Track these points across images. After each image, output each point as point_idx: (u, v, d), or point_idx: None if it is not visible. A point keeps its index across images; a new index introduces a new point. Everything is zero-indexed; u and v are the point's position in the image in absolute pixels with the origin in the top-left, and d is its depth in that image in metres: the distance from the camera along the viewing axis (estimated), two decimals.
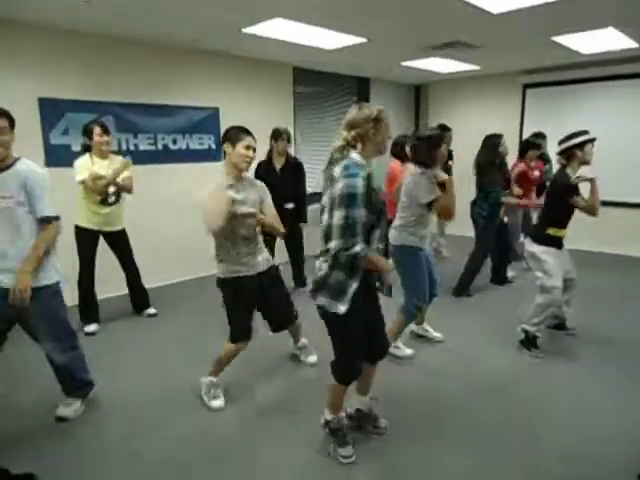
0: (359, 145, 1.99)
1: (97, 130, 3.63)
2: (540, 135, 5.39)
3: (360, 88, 7.28)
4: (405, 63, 6.11)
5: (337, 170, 1.92)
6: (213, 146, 5.54)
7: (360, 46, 4.99)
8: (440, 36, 4.78)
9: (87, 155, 3.70)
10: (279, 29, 4.31)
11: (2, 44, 3.95)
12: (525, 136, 6.85)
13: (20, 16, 3.87)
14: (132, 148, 4.82)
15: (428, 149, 2.98)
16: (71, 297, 3.22)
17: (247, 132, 2.66)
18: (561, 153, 3.23)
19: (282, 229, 2.77)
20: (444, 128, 4.71)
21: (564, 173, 3.19)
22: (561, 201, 3.18)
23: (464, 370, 3.14)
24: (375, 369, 2.35)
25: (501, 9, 3.80)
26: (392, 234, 3.12)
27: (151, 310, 4.20)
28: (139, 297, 4.17)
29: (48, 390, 2.68)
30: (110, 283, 4.27)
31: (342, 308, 1.97)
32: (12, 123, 2.29)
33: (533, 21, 4.13)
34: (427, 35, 4.74)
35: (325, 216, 1.97)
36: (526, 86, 6.94)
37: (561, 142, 3.22)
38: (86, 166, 3.61)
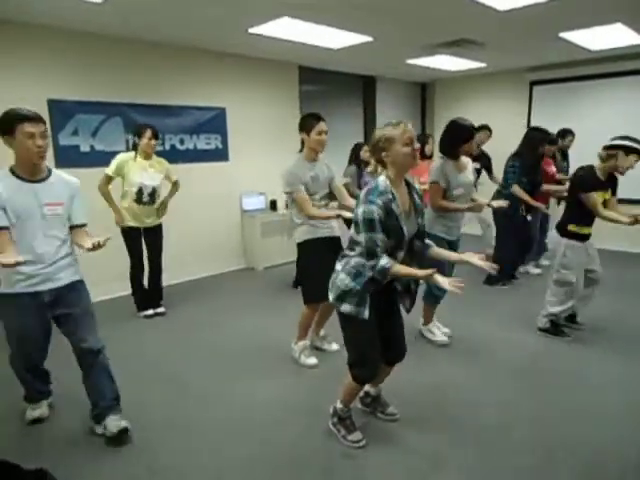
0: (380, 169, 2.05)
1: (148, 134, 3.81)
2: (568, 132, 5.28)
3: (366, 86, 7.29)
4: (411, 61, 6.10)
5: (362, 192, 2.02)
6: (220, 146, 5.56)
7: (366, 45, 4.99)
8: (446, 34, 4.78)
9: (132, 153, 3.88)
10: (285, 29, 4.33)
11: (12, 46, 4.00)
12: None
13: (29, 18, 3.92)
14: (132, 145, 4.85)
15: (451, 140, 3.05)
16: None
17: (318, 118, 2.93)
18: (607, 148, 3.10)
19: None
20: (482, 128, 4.68)
21: (589, 167, 3.14)
22: (575, 196, 3.16)
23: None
24: (391, 369, 2.40)
25: (507, 6, 3.79)
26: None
27: (160, 309, 4.23)
28: (153, 296, 4.22)
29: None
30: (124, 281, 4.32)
31: (347, 307, 2.10)
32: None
33: (540, 17, 4.11)
34: (433, 33, 4.73)
35: (354, 226, 2.07)
36: (533, 83, 6.90)
37: (614, 138, 3.11)
38: (122, 163, 3.78)
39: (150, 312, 4.15)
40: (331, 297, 2.16)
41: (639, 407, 2.61)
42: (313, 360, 3.17)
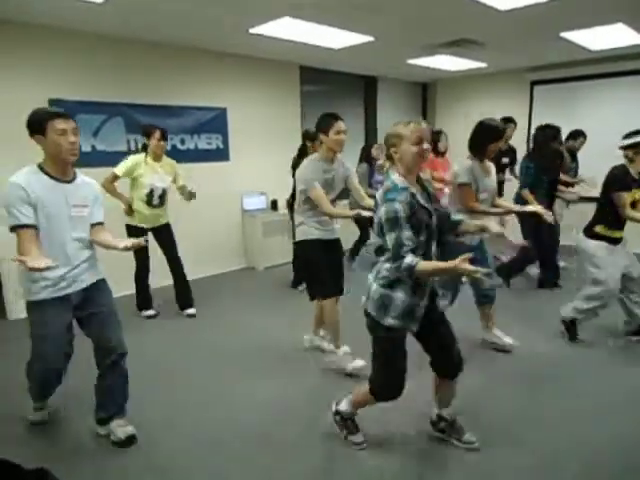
0: (388, 164, 2.03)
1: (157, 135, 3.80)
2: (579, 133, 5.21)
3: (367, 86, 7.29)
4: (411, 61, 6.10)
5: (379, 193, 1.98)
6: (221, 146, 5.57)
7: (367, 45, 5.00)
8: (446, 34, 4.77)
9: (143, 154, 3.86)
10: (286, 29, 4.33)
11: (13, 46, 4.00)
12: (533, 135, 6.84)
13: (30, 18, 3.93)
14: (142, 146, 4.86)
15: (481, 140, 3.01)
16: None
17: (337, 117, 2.87)
18: (629, 147, 3.04)
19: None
20: (508, 121, 4.60)
21: (622, 166, 3.07)
22: (607, 195, 3.07)
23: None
24: (454, 384, 2.21)
25: (508, 5, 3.79)
26: None
27: (191, 310, 4.21)
28: (181, 294, 4.22)
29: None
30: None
31: (391, 320, 1.97)
32: None
33: (540, 17, 4.10)
34: (433, 33, 4.73)
35: (376, 229, 2.00)
36: (534, 83, 6.90)
37: (629, 135, 3.05)
38: (134, 166, 3.76)
39: (151, 312, 4.16)
40: (371, 310, 2.02)
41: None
42: (360, 362, 2.90)
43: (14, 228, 2.02)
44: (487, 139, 3.01)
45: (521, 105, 7.02)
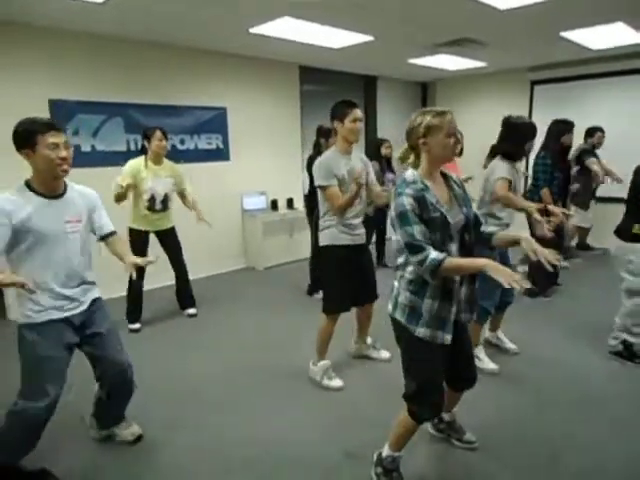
0: (412, 158, 1.88)
1: (158, 134, 3.66)
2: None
3: (367, 86, 7.28)
4: (412, 61, 6.10)
5: (393, 190, 1.89)
6: (221, 146, 5.56)
7: (367, 44, 4.99)
8: (447, 33, 4.77)
9: (142, 158, 3.71)
10: (286, 28, 4.32)
11: (12, 46, 4.00)
12: None
13: (31, 19, 3.92)
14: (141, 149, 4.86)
15: (517, 140, 2.86)
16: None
17: (352, 105, 2.73)
18: None
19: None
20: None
21: None
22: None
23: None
24: (461, 395, 2.15)
25: (508, 5, 3.78)
26: None
27: (191, 310, 4.23)
28: (183, 294, 4.22)
29: None
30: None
31: (422, 330, 1.80)
32: None
33: (541, 17, 4.10)
34: (434, 32, 4.73)
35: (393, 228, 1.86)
36: (534, 82, 6.89)
37: None
38: (133, 171, 3.59)
39: (137, 326, 3.91)
40: (400, 318, 1.85)
41: None
42: (338, 382, 2.87)
43: None
44: (523, 138, 2.89)
45: (521, 104, 7.01)
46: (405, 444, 1.99)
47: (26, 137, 1.88)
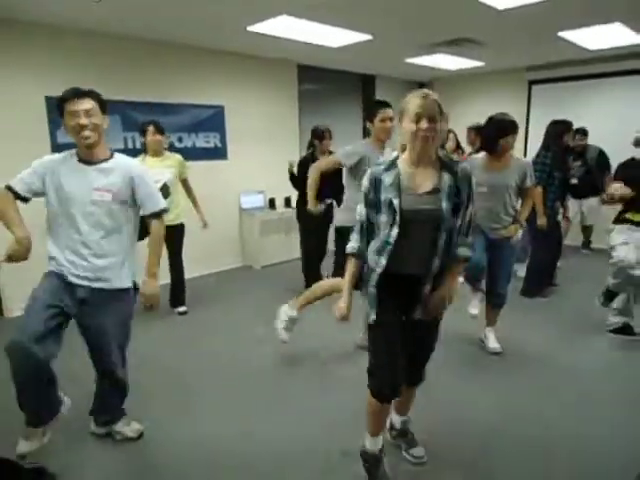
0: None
1: (151, 129, 3.76)
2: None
3: (365, 85, 7.27)
4: (410, 60, 6.10)
5: None
6: (219, 144, 5.56)
7: (365, 43, 4.99)
8: (445, 33, 4.77)
9: (141, 156, 3.78)
10: (284, 27, 4.32)
11: (9, 43, 3.98)
12: (530, 133, 6.86)
13: (26, 16, 3.90)
14: (139, 146, 4.84)
15: (490, 133, 2.98)
16: None
17: (383, 104, 2.90)
18: None
19: None
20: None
21: None
22: None
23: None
24: (413, 392, 2.14)
25: (506, 5, 3.79)
26: None
27: (182, 308, 4.23)
28: (175, 292, 4.22)
29: None
30: None
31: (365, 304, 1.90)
32: (103, 106, 2.14)
33: (538, 17, 4.11)
34: (432, 32, 4.73)
35: None
36: (532, 82, 6.90)
37: None
38: None
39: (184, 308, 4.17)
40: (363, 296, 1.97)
41: None
42: (285, 337, 3.10)
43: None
44: (496, 134, 2.98)
45: (519, 104, 7.02)
46: (376, 428, 1.97)
47: (57, 106, 2.05)
